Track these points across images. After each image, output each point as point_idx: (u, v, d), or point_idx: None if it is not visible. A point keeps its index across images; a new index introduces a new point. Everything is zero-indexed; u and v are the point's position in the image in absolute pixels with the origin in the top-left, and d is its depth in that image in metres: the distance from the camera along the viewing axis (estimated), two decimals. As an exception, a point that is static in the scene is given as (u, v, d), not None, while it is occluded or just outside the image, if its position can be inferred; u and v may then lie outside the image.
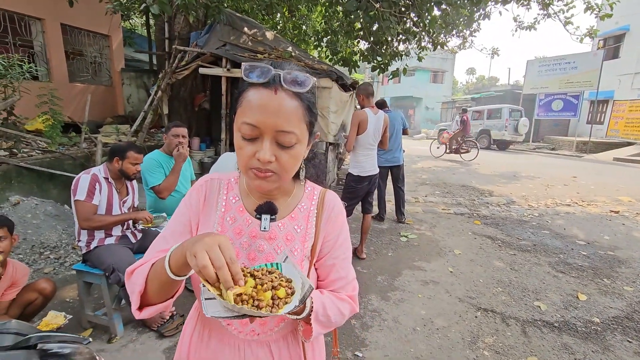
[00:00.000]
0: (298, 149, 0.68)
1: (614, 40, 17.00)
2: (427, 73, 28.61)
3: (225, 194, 0.81)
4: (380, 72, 6.30)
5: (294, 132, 0.65)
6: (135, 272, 0.70)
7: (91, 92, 6.38)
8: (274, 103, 0.63)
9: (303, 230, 0.80)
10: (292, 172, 0.71)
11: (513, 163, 11.31)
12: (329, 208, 0.83)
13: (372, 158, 3.45)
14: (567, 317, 2.68)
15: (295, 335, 0.84)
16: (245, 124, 0.64)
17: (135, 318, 0.70)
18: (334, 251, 0.82)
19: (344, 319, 0.80)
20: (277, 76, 0.64)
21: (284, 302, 0.58)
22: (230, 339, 0.79)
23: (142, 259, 0.73)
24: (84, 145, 4.42)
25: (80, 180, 2.16)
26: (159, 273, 0.63)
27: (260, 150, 0.64)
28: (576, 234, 4.57)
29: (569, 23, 8.22)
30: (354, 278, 0.86)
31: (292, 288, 0.61)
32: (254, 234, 0.77)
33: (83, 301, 2.31)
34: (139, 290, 0.66)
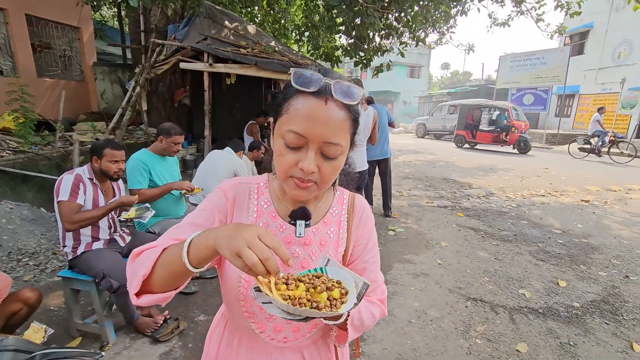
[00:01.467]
0: (340, 160, 0.68)
1: (579, 37, 17.85)
2: (405, 68, 29.00)
3: (257, 199, 0.78)
4: (363, 67, 6.33)
5: (340, 144, 0.64)
6: (143, 253, 0.65)
7: (62, 87, 6.05)
8: (324, 114, 0.62)
9: (336, 235, 0.80)
10: (331, 183, 0.70)
11: (489, 156, 11.71)
12: (359, 212, 0.83)
13: (361, 154, 3.48)
14: (550, 303, 2.82)
15: (324, 339, 0.84)
16: (291, 132, 0.63)
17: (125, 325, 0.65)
18: (364, 255, 0.82)
19: (374, 322, 0.80)
20: (328, 86, 0.62)
21: (341, 302, 0.57)
22: (262, 346, 0.78)
23: (152, 243, 0.67)
24: (59, 145, 4.19)
25: (63, 180, 2.05)
26: (173, 261, 0.59)
27: (305, 160, 0.63)
28: (552, 223, 4.81)
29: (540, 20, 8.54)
30: (382, 282, 0.86)
31: (344, 288, 0.60)
32: (288, 239, 0.76)
33: (71, 309, 2.21)
34: (144, 274, 0.60)
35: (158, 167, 2.68)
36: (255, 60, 4.77)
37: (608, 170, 9.00)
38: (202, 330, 2.35)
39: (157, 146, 2.70)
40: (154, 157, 2.69)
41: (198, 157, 6.02)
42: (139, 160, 2.59)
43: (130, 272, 0.64)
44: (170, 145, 2.67)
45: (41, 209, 3.62)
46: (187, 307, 2.61)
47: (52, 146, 4.19)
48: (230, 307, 0.79)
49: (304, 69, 0.64)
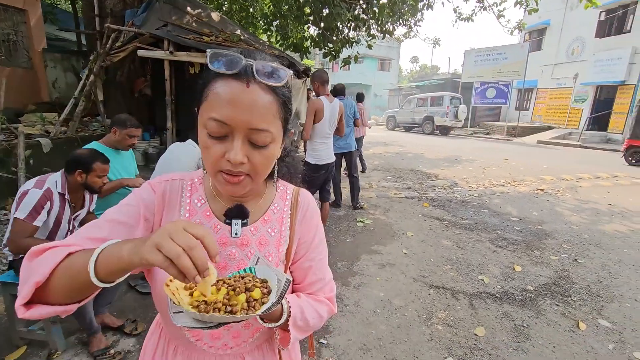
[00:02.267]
0: (272, 148, 0.63)
1: (537, 34, 18.77)
2: (375, 61, 29.27)
3: (189, 196, 0.72)
4: (332, 58, 6.29)
5: (268, 130, 0.59)
6: (44, 254, 0.55)
7: (6, 75, 5.55)
8: (247, 97, 0.56)
9: (277, 233, 0.75)
10: (266, 174, 0.65)
11: (454, 147, 12.13)
12: (303, 208, 0.79)
13: (328, 146, 3.46)
14: (507, 287, 2.97)
15: (270, 343, 0.80)
16: (212, 120, 0.57)
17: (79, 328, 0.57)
18: (309, 253, 0.79)
19: (322, 321, 0.77)
20: (249, 67, 0.57)
21: (261, 303, 0.54)
22: (200, 355, 0.73)
23: (60, 241, 0.58)
24: (1, 137, 3.84)
25: (28, 194, 1.78)
26: (77, 270, 0.51)
27: (231, 151, 0.57)
28: (510, 211, 5.05)
29: (501, 16, 8.87)
30: (331, 279, 0.83)
31: (268, 287, 0.57)
32: (224, 240, 0.71)
33: (12, 316, 2.05)
34: (37, 281, 0.51)
35: (111, 161, 2.52)
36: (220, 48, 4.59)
37: (562, 160, 9.59)
38: (163, 331, 2.25)
39: (110, 138, 2.54)
40: (107, 151, 2.51)
41: (161, 150, 5.76)
42: None
43: (24, 275, 0.54)
44: (125, 138, 2.51)
45: (-19, 208, 3.33)
46: (147, 308, 2.50)
47: (-7, 139, 3.84)
48: (163, 315, 0.73)
49: (224, 49, 0.58)
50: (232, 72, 0.57)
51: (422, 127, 17.60)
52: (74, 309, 0.55)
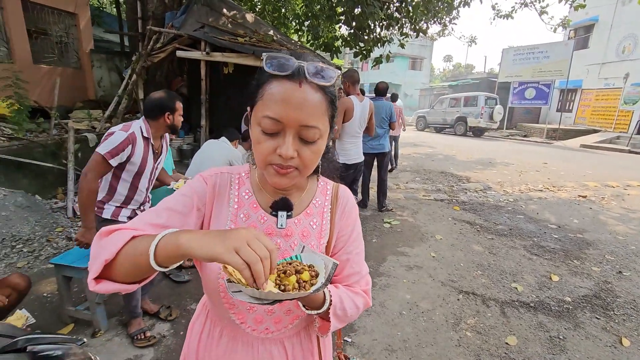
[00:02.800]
0: (320, 144, 0.66)
1: (583, 31, 17.63)
2: (406, 60, 28.76)
3: (237, 189, 0.77)
4: (363, 58, 6.26)
5: (317, 126, 0.63)
6: (112, 234, 0.60)
7: (58, 74, 5.99)
8: (299, 96, 0.60)
9: (319, 226, 0.79)
10: (312, 168, 0.69)
11: (488, 150, 11.67)
12: (342, 203, 0.82)
13: (357, 146, 3.46)
14: (542, 297, 2.84)
15: (307, 331, 0.84)
16: (267, 117, 0.61)
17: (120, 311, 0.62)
18: (347, 246, 0.81)
19: (358, 312, 0.80)
20: (301, 68, 0.61)
21: (310, 284, 0.58)
22: (243, 337, 0.78)
23: (125, 224, 0.64)
24: (54, 132, 4.17)
25: (114, 135, 1.84)
26: (139, 253, 0.55)
27: (283, 146, 0.61)
28: (548, 218, 4.81)
29: (544, 12, 8.42)
30: (367, 272, 0.85)
31: (315, 271, 0.61)
32: (269, 231, 0.75)
33: (63, 296, 2.22)
34: (106, 259, 0.56)
35: None
36: (253, 49, 4.71)
37: (607, 166, 8.98)
38: (194, 319, 2.36)
39: None
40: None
41: (195, 147, 5.99)
42: None
43: (93, 253, 0.59)
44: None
45: (36, 196, 3.62)
46: (180, 296, 2.62)
47: (47, 133, 4.17)
48: (211, 299, 0.79)
49: (277, 52, 0.62)
50: (286, 74, 0.60)
51: (454, 128, 17.06)
52: (134, 289, 0.60)
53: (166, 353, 2.06)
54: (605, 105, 16.17)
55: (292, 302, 0.73)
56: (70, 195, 3.70)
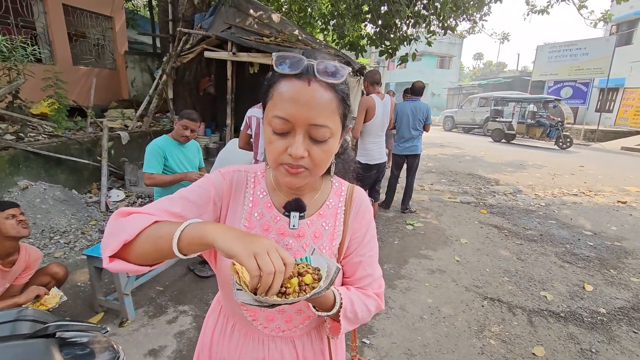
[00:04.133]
0: (331, 143, 0.65)
1: (627, 26, 16.51)
2: (434, 58, 28.09)
3: (253, 188, 0.78)
4: (389, 56, 6.17)
5: (327, 125, 0.62)
6: (131, 215, 0.61)
7: (95, 75, 6.32)
8: (307, 95, 0.60)
9: (331, 227, 0.78)
10: (324, 168, 0.68)
11: (520, 151, 11.19)
12: (357, 205, 0.82)
13: (380, 146, 3.42)
14: (574, 307, 2.69)
15: (318, 331, 0.84)
16: (276, 117, 0.61)
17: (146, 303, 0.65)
18: (361, 248, 0.81)
19: (370, 315, 0.79)
20: (310, 66, 0.60)
21: (311, 288, 0.57)
22: (255, 334, 0.79)
23: (141, 208, 0.65)
24: (90, 130, 4.40)
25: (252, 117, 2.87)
26: (161, 238, 0.56)
27: (293, 145, 0.61)
28: (583, 224, 4.55)
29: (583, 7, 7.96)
30: (380, 276, 0.84)
31: (319, 275, 0.60)
32: (282, 231, 0.75)
33: (94, 286, 2.34)
34: (125, 239, 0.57)
35: (176, 152, 2.73)
36: (278, 49, 4.76)
37: (651, 170, 8.37)
38: (215, 313, 2.42)
39: (174, 130, 2.76)
40: (173, 143, 2.74)
41: (221, 145, 6.14)
42: (156, 146, 2.65)
43: (110, 231, 0.60)
44: (179, 129, 2.68)
45: (72, 191, 3.83)
46: (202, 290, 2.69)
47: (83, 131, 4.41)
48: (225, 295, 0.80)
49: (287, 52, 0.62)
50: (295, 73, 0.60)
51: (484, 129, 16.51)
52: (145, 271, 0.61)
53: (188, 345, 2.12)
54: (651, 105, 15.08)
55: (303, 302, 0.73)
56: (103, 190, 3.89)
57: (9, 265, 1.93)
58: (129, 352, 2.02)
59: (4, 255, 1.90)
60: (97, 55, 7.07)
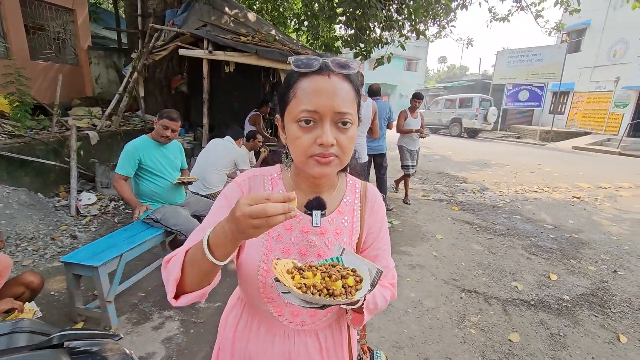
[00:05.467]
0: (353, 130, 0.70)
1: (576, 34, 17.91)
2: (402, 61, 28.89)
3: (271, 190, 0.80)
4: (363, 59, 6.30)
5: (350, 112, 0.67)
6: (172, 260, 0.68)
7: (56, 71, 5.93)
8: (330, 86, 0.66)
9: (350, 223, 0.82)
10: (350, 156, 0.72)
11: (483, 151, 11.82)
12: (371, 201, 0.86)
13: (361, 146, 3.50)
14: (542, 295, 2.91)
15: (339, 323, 0.88)
16: (304, 111, 0.65)
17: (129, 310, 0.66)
18: (377, 242, 0.86)
19: (386, 304, 0.84)
20: (327, 63, 0.67)
21: (355, 289, 0.60)
22: (280, 328, 0.82)
23: (179, 248, 0.71)
24: (55, 130, 4.13)
25: None
26: (198, 260, 0.60)
27: (322, 135, 0.65)
28: (544, 218, 4.91)
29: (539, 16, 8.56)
30: (393, 266, 0.90)
31: (358, 276, 0.63)
32: (305, 229, 0.78)
33: (73, 294, 2.22)
34: (175, 279, 0.63)
35: (155, 153, 2.66)
36: (256, 49, 4.72)
37: (599, 168, 9.17)
38: (203, 317, 2.38)
39: (154, 131, 2.69)
40: (152, 144, 2.67)
41: (195, 145, 5.99)
42: (132, 147, 2.58)
43: (165, 278, 0.67)
44: (159, 128, 2.63)
45: (38, 194, 3.59)
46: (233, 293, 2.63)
47: (48, 131, 4.13)
48: (249, 294, 0.82)
49: (301, 55, 0.70)
50: (314, 69, 0.67)
51: (449, 129, 17.24)
52: (208, 291, 0.67)
53: (177, 351, 2.08)
54: (597, 107, 16.48)
55: None
56: (73, 193, 3.68)
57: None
58: None
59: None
60: (57, 49, 6.63)
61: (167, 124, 2.65)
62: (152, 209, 2.65)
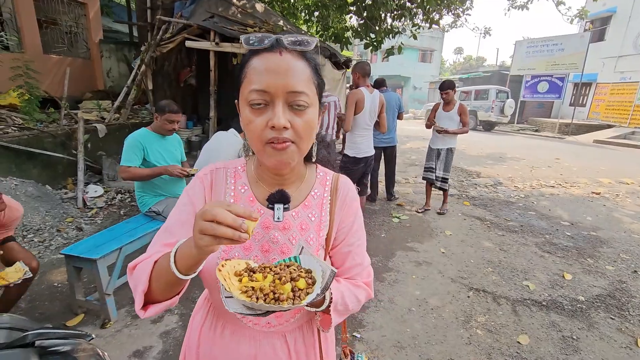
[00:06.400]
0: (311, 113, 0.64)
1: (600, 23, 17.11)
2: (416, 52, 28.31)
3: (233, 183, 0.76)
4: (373, 49, 6.15)
5: (304, 92, 0.62)
6: (138, 267, 0.65)
7: (68, 64, 6.00)
8: (282, 64, 0.61)
9: (317, 218, 0.77)
10: (309, 142, 0.67)
11: (499, 144, 11.48)
12: (343, 194, 0.80)
13: (368, 139, 3.40)
14: (554, 295, 2.78)
15: (309, 325, 0.83)
16: (254, 91, 0.61)
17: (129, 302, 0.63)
18: (349, 238, 0.80)
19: (360, 305, 0.80)
20: (279, 39, 0.62)
21: (306, 293, 0.56)
22: (246, 331, 0.78)
23: (145, 254, 0.69)
24: (64, 122, 4.17)
25: None
26: (165, 272, 0.58)
27: (274, 117, 0.60)
28: (560, 215, 4.71)
29: (560, 3, 8.18)
30: (369, 264, 0.85)
31: (312, 278, 0.59)
32: (266, 224, 0.73)
33: (73, 286, 2.23)
34: (142, 290, 0.61)
35: (156, 146, 2.64)
36: (263, 40, 4.64)
37: (622, 162, 8.76)
38: (203, 311, 2.36)
39: (155, 124, 2.66)
40: (153, 136, 2.65)
41: (203, 138, 5.99)
42: (135, 139, 2.56)
43: (132, 286, 0.64)
44: (165, 124, 2.60)
45: (46, 186, 3.64)
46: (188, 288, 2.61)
47: (57, 124, 4.18)
48: (212, 293, 0.78)
49: (254, 33, 0.63)
50: (265, 46, 0.62)
51: (464, 122, 16.81)
52: (177, 300, 0.65)
53: (175, 345, 2.06)
54: (621, 99, 15.75)
55: None
56: (80, 185, 3.71)
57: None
58: (113, 354, 1.94)
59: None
60: (69, 43, 6.72)
61: (172, 117, 2.63)
62: (196, 170, 2.64)
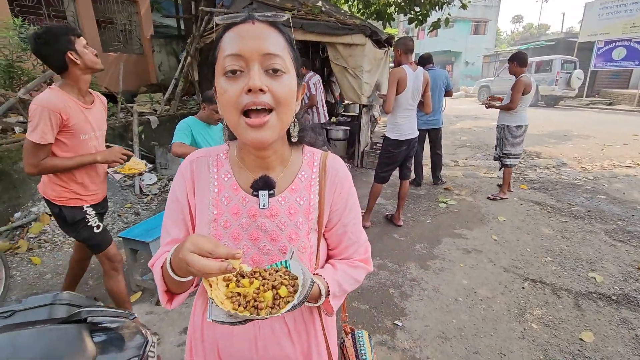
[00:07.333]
0: (287, 79, 0.62)
1: (697, -29, 14.41)
2: (468, 24, 26.24)
3: (216, 172, 0.74)
4: (418, 24, 5.77)
5: (280, 55, 0.60)
6: (154, 267, 0.72)
7: (124, 61, 6.43)
8: (255, 30, 0.60)
9: (306, 201, 0.74)
10: (288, 111, 0.64)
11: (564, 121, 10.37)
12: (332, 174, 0.76)
13: (411, 120, 3.22)
14: (627, 289, 2.47)
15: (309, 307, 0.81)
16: (228, 56, 0.59)
17: None
18: (343, 219, 0.78)
19: (358, 283, 0.81)
20: (250, 13, 0.62)
21: (285, 302, 0.56)
22: None
23: (157, 252, 0.76)
24: (121, 116, 4.51)
25: None
26: (171, 276, 0.61)
27: (249, 80, 0.58)
28: (637, 198, 4.15)
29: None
30: (365, 240, 0.83)
31: (295, 286, 0.58)
32: (252, 212, 0.71)
33: (131, 266, 2.43)
34: (163, 290, 0.68)
35: (203, 133, 2.74)
36: (301, 23, 4.57)
37: None
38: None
39: (202, 114, 2.75)
40: (200, 124, 2.74)
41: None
42: (185, 124, 2.68)
43: (155, 280, 0.70)
44: (212, 114, 2.68)
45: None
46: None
47: (115, 117, 4.52)
48: None
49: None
50: (237, 20, 0.61)
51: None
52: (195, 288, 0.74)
53: (221, 324, 2.16)
54: None
55: None
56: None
57: (90, 103, 1.78)
58: (165, 331, 2.10)
59: (84, 92, 1.72)
60: (125, 40, 7.19)
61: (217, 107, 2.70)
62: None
